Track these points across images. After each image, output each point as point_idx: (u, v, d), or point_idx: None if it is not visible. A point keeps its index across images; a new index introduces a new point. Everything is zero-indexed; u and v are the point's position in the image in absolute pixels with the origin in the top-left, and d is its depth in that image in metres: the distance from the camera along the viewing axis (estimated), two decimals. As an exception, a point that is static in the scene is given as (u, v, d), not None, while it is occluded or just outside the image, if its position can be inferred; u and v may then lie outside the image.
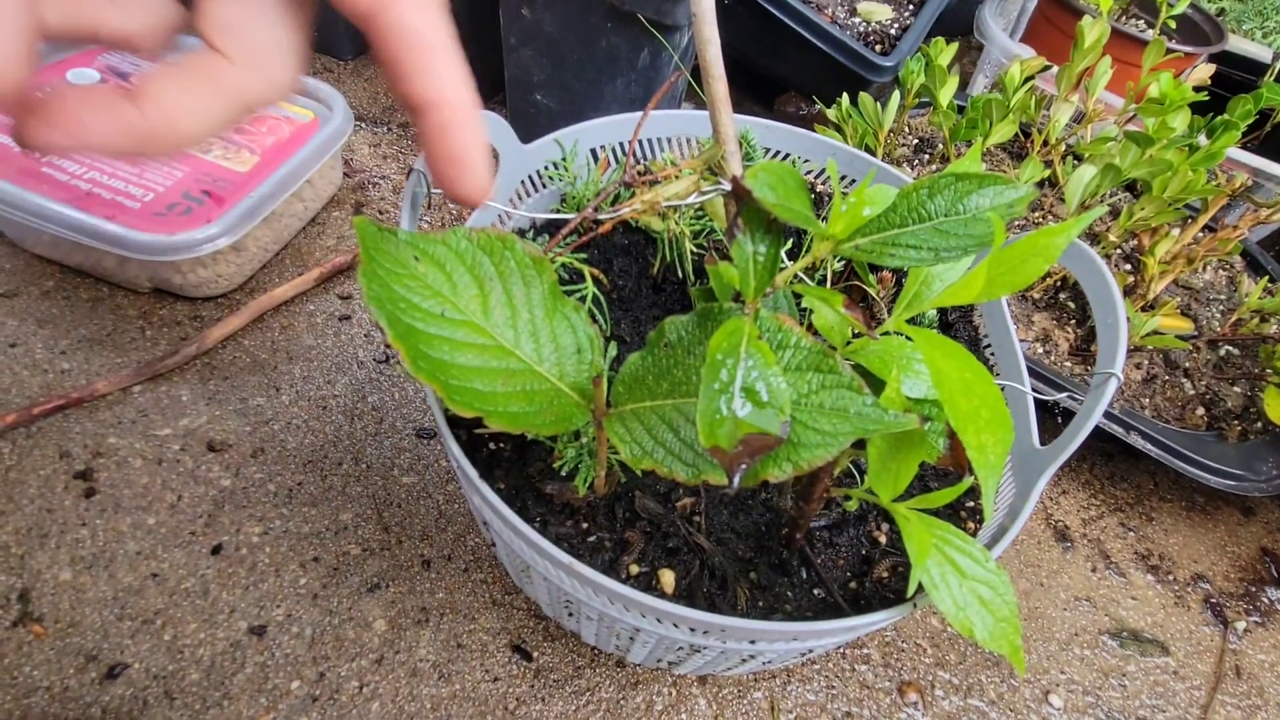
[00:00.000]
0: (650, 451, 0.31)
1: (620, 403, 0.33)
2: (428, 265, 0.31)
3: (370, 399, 0.64)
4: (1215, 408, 0.67)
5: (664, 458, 0.30)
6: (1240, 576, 0.68)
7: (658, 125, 0.56)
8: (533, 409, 0.32)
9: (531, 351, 0.33)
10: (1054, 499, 0.69)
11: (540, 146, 0.52)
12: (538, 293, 0.33)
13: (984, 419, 0.29)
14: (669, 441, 0.31)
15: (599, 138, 0.55)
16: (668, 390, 0.32)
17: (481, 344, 0.32)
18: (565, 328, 0.34)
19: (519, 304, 0.33)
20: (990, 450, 0.28)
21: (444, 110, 0.26)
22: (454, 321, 0.31)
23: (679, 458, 0.30)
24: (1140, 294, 0.70)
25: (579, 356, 0.34)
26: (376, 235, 0.30)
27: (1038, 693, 0.57)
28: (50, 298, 0.64)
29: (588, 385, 0.34)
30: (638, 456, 0.31)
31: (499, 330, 0.32)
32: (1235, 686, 0.60)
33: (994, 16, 1.00)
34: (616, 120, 0.55)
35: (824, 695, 0.54)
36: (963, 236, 0.31)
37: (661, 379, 0.32)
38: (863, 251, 0.32)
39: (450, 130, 0.26)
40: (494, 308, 0.33)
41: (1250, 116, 0.65)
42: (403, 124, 0.89)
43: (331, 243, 0.74)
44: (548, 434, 0.32)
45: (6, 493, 0.53)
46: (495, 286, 0.33)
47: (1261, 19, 1.51)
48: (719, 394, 0.27)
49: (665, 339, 0.33)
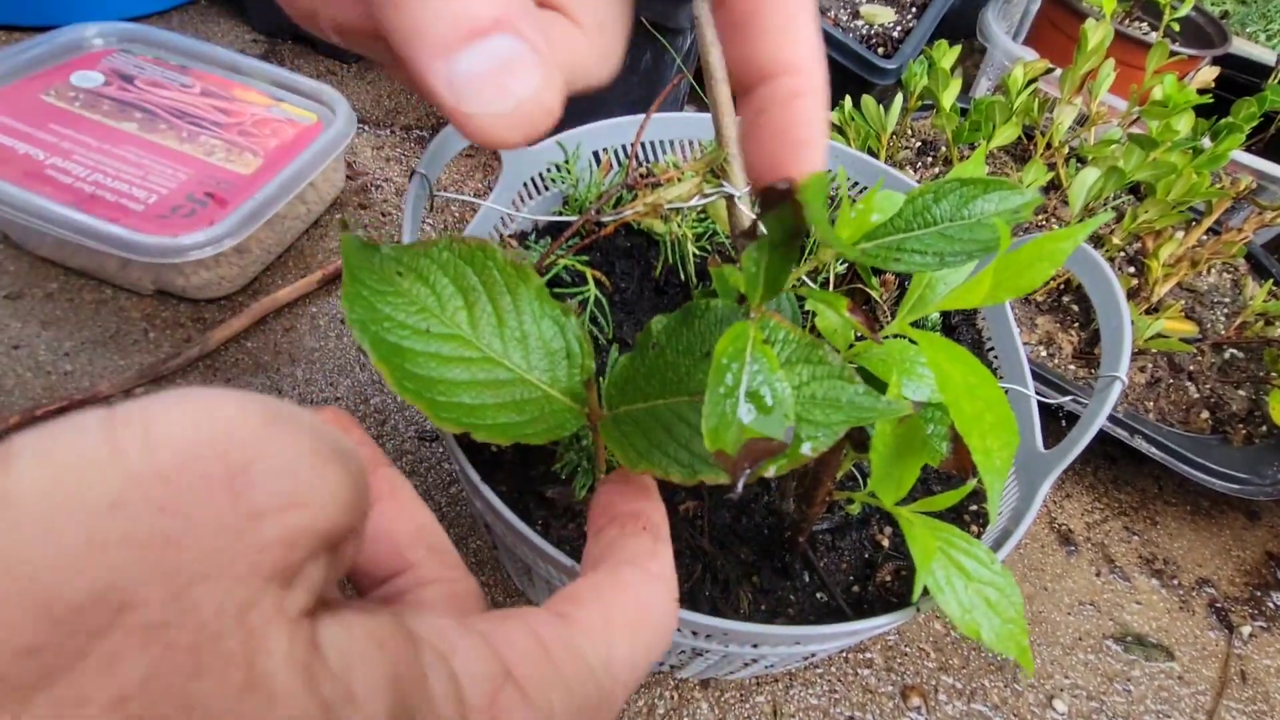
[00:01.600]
0: (645, 454, 0.30)
1: (614, 405, 0.33)
2: (411, 280, 0.31)
3: (372, 401, 0.64)
4: (1220, 411, 0.66)
5: (660, 459, 0.30)
6: (1245, 581, 0.67)
7: (660, 128, 0.56)
8: (524, 418, 0.31)
9: (520, 359, 0.33)
10: (1058, 503, 0.69)
11: (542, 149, 0.52)
12: (524, 299, 0.33)
13: (989, 422, 0.29)
14: (663, 443, 0.30)
15: (601, 140, 0.55)
16: (659, 390, 0.32)
17: (469, 356, 0.31)
18: (554, 332, 0.33)
19: (505, 312, 0.33)
20: (995, 454, 0.28)
21: (799, 77, 0.22)
22: (440, 336, 0.31)
23: (674, 459, 0.30)
24: (1144, 297, 0.69)
25: (569, 361, 0.33)
26: (360, 252, 0.30)
27: (1042, 697, 0.56)
28: (54, 300, 0.64)
29: (580, 390, 0.33)
30: (633, 459, 0.31)
31: (486, 340, 0.32)
32: (1240, 691, 0.60)
33: (997, 19, 1.00)
34: (619, 122, 0.55)
35: (827, 699, 0.54)
36: (968, 241, 0.31)
37: (651, 379, 0.32)
38: (869, 256, 0.32)
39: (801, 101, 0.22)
40: (480, 318, 0.32)
41: (1254, 119, 0.65)
42: (405, 126, 0.89)
43: (334, 245, 0.74)
44: (539, 443, 0.31)
45: (9, 494, 0.53)
46: (480, 296, 0.32)
47: (1265, 21, 1.51)
48: (724, 398, 0.26)
49: (653, 340, 0.32)
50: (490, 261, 0.32)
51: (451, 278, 0.32)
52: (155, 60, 0.72)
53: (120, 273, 0.64)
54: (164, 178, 0.62)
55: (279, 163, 0.65)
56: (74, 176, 0.60)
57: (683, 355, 0.32)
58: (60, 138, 0.63)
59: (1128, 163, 0.65)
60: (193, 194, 0.62)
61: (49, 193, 0.58)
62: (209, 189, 0.62)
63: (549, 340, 0.33)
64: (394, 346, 0.30)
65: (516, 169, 0.50)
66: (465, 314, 0.32)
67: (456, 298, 0.32)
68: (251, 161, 0.65)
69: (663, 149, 0.57)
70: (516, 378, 0.32)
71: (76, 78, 0.68)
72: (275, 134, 0.68)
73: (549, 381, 0.33)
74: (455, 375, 0.31)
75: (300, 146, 0.67)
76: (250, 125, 0.68)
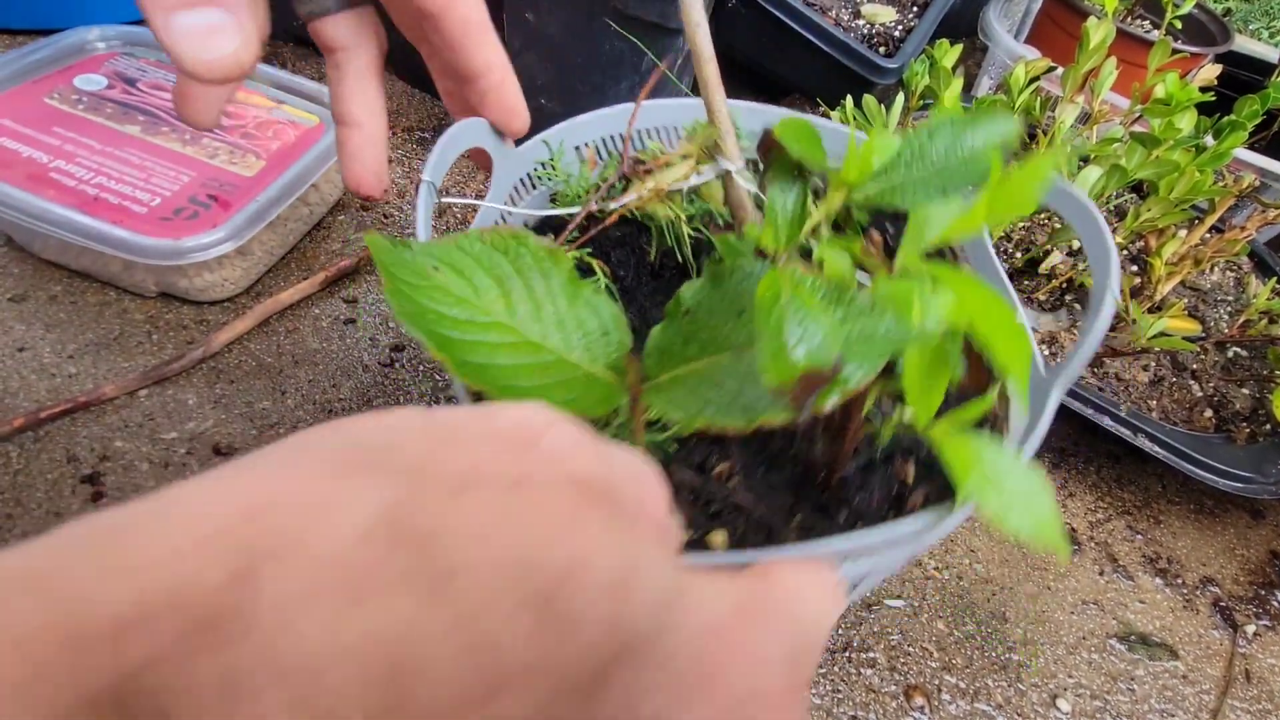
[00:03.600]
0: (699, 412, 0.32)
1: (654, 374, 0.35)
2: (448, 273, 0.32)
3: (375, 402, 0.64)
4: (1223, 410, 0.66)
5: (714, 414, 0.32)
6: (1250, 580, 0.67)
7: (645, 116, 0.56)
8: (573, 397, 0.33)
9: (559, 342, 0.34)
10: (1060, 501, 0.69)
11: (530, 148, 0.52)
12: (557, 283, 0.34)
13: (1006, 329, 0.31)
14: (714, 398, 0.32)
15: (585, 134, 0.55)
16: (698, 352, 0.34)
17: (512, 343, 0.33)
18: (589, 312, 0.35)
19: (541, 297, 0.34)
20: (1018, 354, 0.31)
21: (495, 72, 0.35)
22: (483, 325, 0.32)
23: (728, 412, 0.32)
24: (1147, 295, 0.69)
25: (606, 338, 0.35)
26: (390, 250, 0.31)
27: (1045, 697, 0.56)
28: (58, 302, 0.65)
29: (621, 364, 0.35)
30: (688, 418, 0.32)
31: (526, 326, 0.33)
32: (1245, 691, 0.59)
33: (999, 18, 1.00)
34: (601, 115, 0.55)
35: (829, 699, 0.54)
36: (966, 174, 0.34)
37: (689, 343, 0.34)
38: (875, 197, 0.34)
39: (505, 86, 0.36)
40: (517, 305, 0.33)
41: (1257, 117, 0.65)
42: (407, 128, 0.89)
43: (336, 246, 0.75)
44: (592, 417, 0.33)
45: (14, 496, 0.53)
46: (515, 284, 0.33)
47: (1268, 19, 1.51)
48: (775, 339, 0.29)
49: (684, 307, 0.34)
50: (524, 249, 0.34)
51: (485, 268, 0.33)
52: (157, 63, 0.72)
53: (123, 275, 0.64)
54: (167, 180, 0.62)
55: (281, 165, 0.66)
56: (77, 179, 0.61)
57: (716, 316, 0.34)
58: (64, 141, 0.63)
59: (1130, 161, 0.65)
60: (195, 196, 0.62)
61: (53, 196, 0.59)
62: (212, 191, 0.62)
63: (585, 321, 0.35)
64: (444, 338, 0.31)
65: (507, 170, 0.50)
66: (503, 303, 0.33)
67: (493, 288, 0.33)
68: (254, 164, 0.65)
69: (648, 137, 0.58)
70: (559, 359, 0.34)
71: (80, 81, 0.68)
72: (277, 136, 0.68)
73: (589, 360, 0.34)
74: (505, 361, 0.32)
75: (302, 149, 0.67)
76: (252, 128, 0.69)
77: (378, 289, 0.72)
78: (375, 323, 0.70)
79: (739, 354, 0.33)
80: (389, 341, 0.68)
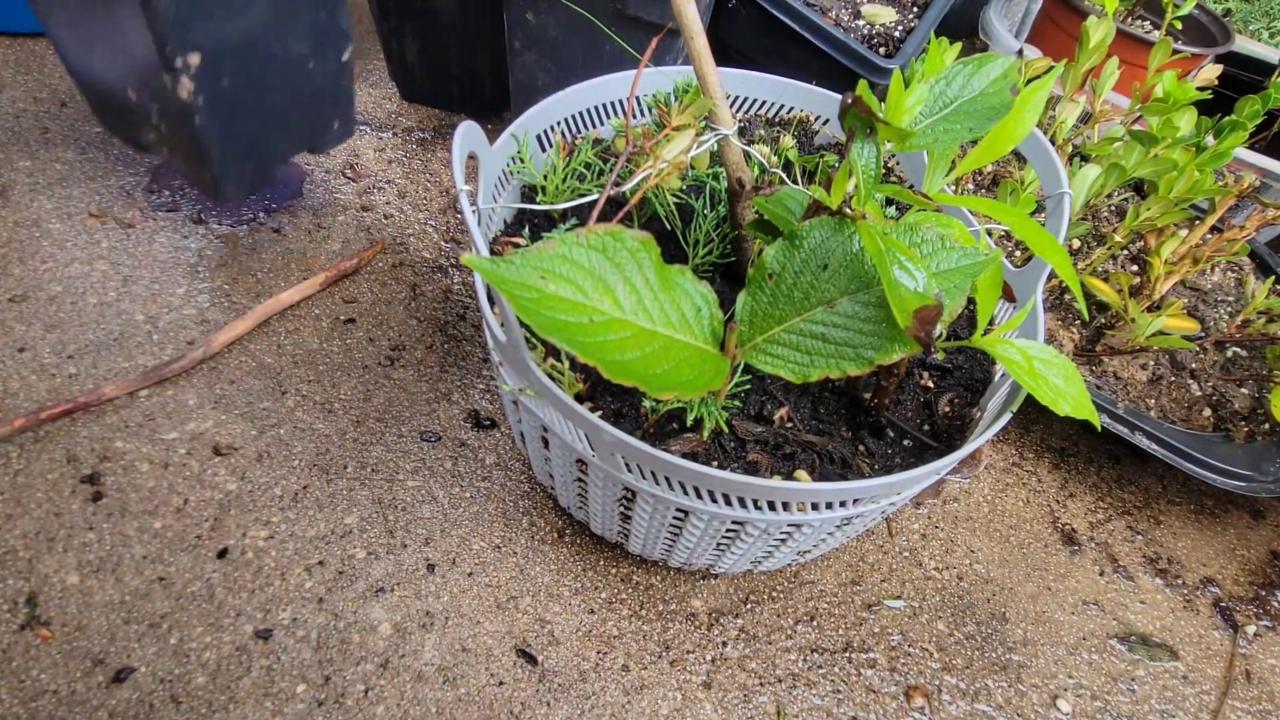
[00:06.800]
0: (812, 364, 0.36)
1: (749, 339, 0.38)
2: (558, 283, 0.34)
3: (375, 401, 0.64)
4: (1222, 409, 0.66)
5: (827, 362, 0.36)
6: (1250, 580, 0.67)
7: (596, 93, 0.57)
8: (694, 374, 0.36)
9: (668, 326, 0.37)
10: (1061, 502, 0.69)
11: (501, 145, 0.52)
12: (650, 271, 0.37)
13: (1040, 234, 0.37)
14: (822, 349, 0.36)
15: (547, 120, 0.56)
16: (791, 311, 0.37)
17: (629, 337, 0.35)
18: (681, 294, 0.38)
19: (640, 288, 0.36)
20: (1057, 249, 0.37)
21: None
22: (603, 325, 0.34)
23: (840, 357, 0.36)
24: (1146, 294, 0.69)
25: (699, 315, 0.38)
26: (496, 271, 0.32)
27: (1046, 697, 0.56)
28: (58, 302, 0.65)
29: (721, 334, 0.38)
30: (801, 372, 0.36)
31: (636, 318, 0.36)
32: (1246, 691, 0.59)
33: (999, 18, 1.00)
34: (559, 98, 0.56)
35: (831, 700, 0.53)
36: (984, 110, 0.40)
37: (779, 303, 0.38)
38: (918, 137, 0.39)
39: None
40: (623, 299, 0.36)
41: (1258, 117, 0.65)
42: (407, 129, 0.89)
43: (337, 248, 0.75)
44: (714, 388, 0.36)
45: (15, 496, 0.54)
46: (617, 280, 0.36)
47: (1268, 19, 1.51)
48: (896, 284, 0.33)
49: (768, 271, 0.38)
50: (619, 244, 0.36)
51: (588, 271, 0.35)
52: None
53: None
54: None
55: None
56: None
57: (803, 275, 0.37)
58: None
59: (1129, 159, 0.65)
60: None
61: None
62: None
63: (680, 302, 0.38)
64: (583, 344, 0.32)
65: (490, 168, 0.50)
66: (610, 300, 0.35)
67: (598, 288, 0.35)
68: (254, 164, 0.65)
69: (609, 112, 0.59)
70: (671, 342, 0.36)
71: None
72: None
73: (694, 337, 0.37)
74: (633, 355, 0.34)
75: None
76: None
77: (378, 289, 0.72)
78: (375, 323, 0.70)
79: (831, 306, 0.37)
80: (389, 341, 0.68)
